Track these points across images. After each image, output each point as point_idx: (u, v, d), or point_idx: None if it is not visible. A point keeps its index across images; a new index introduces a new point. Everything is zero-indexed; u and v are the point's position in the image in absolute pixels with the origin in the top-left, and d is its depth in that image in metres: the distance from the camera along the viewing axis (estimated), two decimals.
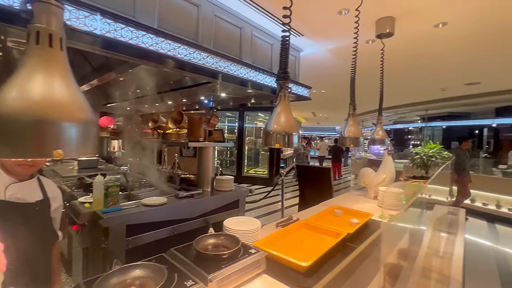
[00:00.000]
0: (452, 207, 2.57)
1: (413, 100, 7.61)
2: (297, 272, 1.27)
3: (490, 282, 2.99)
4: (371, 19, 2.54)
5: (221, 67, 2.18)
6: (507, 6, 2.32)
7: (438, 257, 1.47)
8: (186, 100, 5.11)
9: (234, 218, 1.67)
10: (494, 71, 4.47)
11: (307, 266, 1.23)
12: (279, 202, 4.35)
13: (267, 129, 1.10)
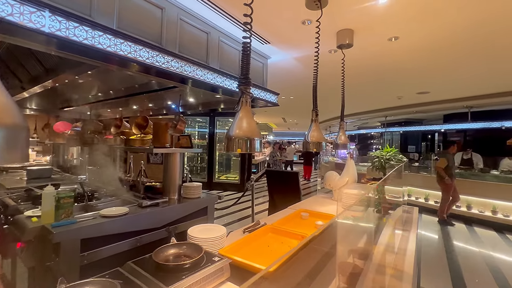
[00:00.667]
0: (407, 206, 2.78)
1: (373, 107, 8.18)
2: (263, 278, 1.27)
3: (442, 274, 3.27)
4: (333, 30, 2.70)
5: (186, 71, 2.14)
6: (451, 24, 2.62)
7: (394, 253, 1.57)
8: (153, 104, 4.92)
9: (198, 226, 1.63)
10: (440, 82, 4.99)
11: (272, 271, 1.23)
12: (250, 208, 4.35)
13: (229, 134, 1.10)
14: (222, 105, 4.19)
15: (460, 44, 3.11)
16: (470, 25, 2.63)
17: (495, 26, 2.66)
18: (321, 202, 2.98)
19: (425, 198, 6.24)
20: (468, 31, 2.78)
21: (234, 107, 1.12)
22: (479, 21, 2.54)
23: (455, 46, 3.17)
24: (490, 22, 2.58)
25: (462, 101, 6.15)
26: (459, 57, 3.62)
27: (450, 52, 3.38)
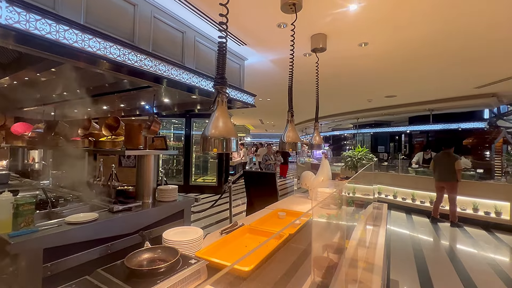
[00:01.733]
0: (378, 203, 2.93)
1: (346, 109, 8.56)
2: (241, 278, 1.27)
3: (408, 265, 3.49)
4: (307, 34, 2.78)
5: (160, 70, 2.08)
6: (416, 34, 2.82)
7: (365, 248, 1.64)
8: (125, 105, 4.72)
9: (174, 229, 1.58)
10: (406, 86, 5.35)
11: (249, 270, 1.24)
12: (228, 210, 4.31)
13: (204, 134, 1.09)
14: (198, 106, 4.12)
15: (423, 52, 3.37)
16: (432, 36, 2.86)
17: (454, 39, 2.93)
18: (298, 201, 3.04)
19: (394, 196, 6.62)
20: (431, 42, 3.02)
21: (210, 107, 1.11)
22: (441, 33, 2.78)
23: (418, 54, 3.42)
24: (450, 35, 2.83)
25: (424, 104, 6.66)
26: (422, 64, 3.92)
27: (414, 59, 3.64)
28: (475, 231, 4.97)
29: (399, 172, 6.71)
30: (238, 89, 3.23)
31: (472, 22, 2.54)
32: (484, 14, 2.40)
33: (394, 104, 7.11)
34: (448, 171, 5.10)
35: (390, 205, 6.62)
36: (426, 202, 6.02)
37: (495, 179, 5.46)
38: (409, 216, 5.96)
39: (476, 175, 5.56)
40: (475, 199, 5.32)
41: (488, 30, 2.72)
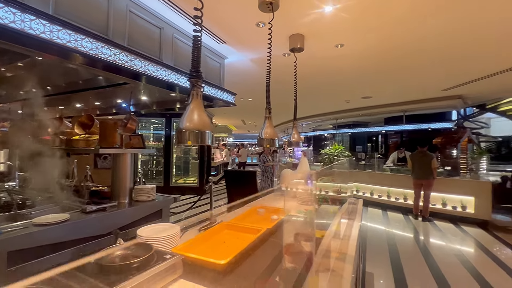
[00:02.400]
0: (354, 199, 3.05)
1: (326, 110, 8.80)
2: (217, 272, 1.27)
3: (383, 258, 3.65)
4: (285, 34, 2.84)
5: (136, 66, 2.04)
6: (388, 39, 2.97)
7: (339, 239, 1.71)
8: (101, 103, 4.55)
9: (149, 226, 1.56)
10: (381, 88, 5.61)
11: (224, 264, 1.24)
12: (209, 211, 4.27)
13: (179, 126, 1.09)
14: (178, 105, 4.06)
15: (393, 55, 3.55)
16: (400, 39, 3.03)
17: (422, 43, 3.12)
18: (278, 199, 3.08)
19: (371, 193, 6.88)
20: (399, 45, 3.19)
21: (185, 100, 1.11)
22: (409, 37, 2.95)
23: (389, 56, 3.60)
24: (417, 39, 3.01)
25: (398, 105, 7.01)
26: (393, 67, 4.13)
27: (385, 61, 3.83)
28: (443, 224, 5.29)
29: (375, 171, 6.99)
30: (218, 87, 3.23)
31: (439, 26, 2.72)
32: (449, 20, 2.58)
33: (370, 105, 7.41)
34: (425, 169, 5.40)
35: (367, 202, 6.87)
36: (400, 198, 6.31)
37: (461, 175, 5.85)
38: (385, 212, 6.23)
39: (444, 172, 5.93)
40: (444, 195, 5.66)
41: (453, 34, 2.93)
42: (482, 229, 4.97)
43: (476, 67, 4.23)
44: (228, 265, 1.26)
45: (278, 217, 2.04)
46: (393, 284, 2.94)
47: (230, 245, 1.63)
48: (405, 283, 2.95)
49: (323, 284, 1.17)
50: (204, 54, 3.14)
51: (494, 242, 4.36)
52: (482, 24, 2.71)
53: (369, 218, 5.78)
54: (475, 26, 2.74)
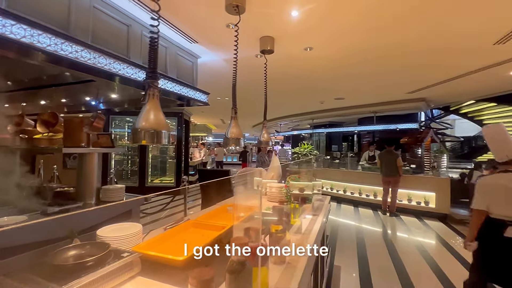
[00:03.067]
0: (322, 196, 3.18)
1: (302, 110, 9.03)
2: (176, 268, 1.30)
3: (351, 252, 3.84)
4: (256, 36, 2.91)
5: (100, 63, 2.00)
6: (355, 43, 3.13)
7: (300, 234, 1.80)
8: (68, 100, 4.36)
9: (112, 226, 1.55)
10: (351, 90, 5.87)
11: (183, 260, 1.27)
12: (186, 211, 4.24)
13: (135, 126, 1.10)
14: None
15: (357, 59, 3.73)
16: (361, 45, 3.19)
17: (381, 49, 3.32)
18: (250, 197, 3.14)
19: (344, 190, 7.17)
20: (361, 49, 3.36)
21: (141, 100, 1.13)
22: (368, 43, 3.13)
23: (353, 60, 3.77)
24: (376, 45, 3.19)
25: (369, 106, 7.37)
26: (360, 70, 4.34)
27: (354, 66, 4.03)
28: (408, 219, 5.65)
29: (348, 169, 7.29)
30: (190, 86, 3.22)
31: (397, 37, 2.92)
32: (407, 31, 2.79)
33: (343, 106, 7.72)
34: (392, 167, 5.72)
35: (341, 200, 7.16)
36: (370, 195, 6.64)
37: (425, 173, 6.28)
38: (357, 209, 6.52)
39: (410, 170, 6.32)
40: (409, 191, 6.04)
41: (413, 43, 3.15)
42: (442, 222, 5.38)
43: (434, 73, 4.58)
44: (187, 261, 1.29)
45: (244, 215, 2.09)
46: (357, 276, 3.11)
47: (195, 243, 1.66)
48: (369, 274, 3.14)
49: (276, 275, 1.24)
50: (176, 53, 3.12)
51: (451, 234, 4.73)
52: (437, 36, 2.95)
53: (342, 215, 6.03)
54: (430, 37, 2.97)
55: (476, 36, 3.00)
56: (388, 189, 5.91)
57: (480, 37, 3.02)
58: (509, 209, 1.98)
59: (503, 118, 9.72)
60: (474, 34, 2.94)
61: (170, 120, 8.81)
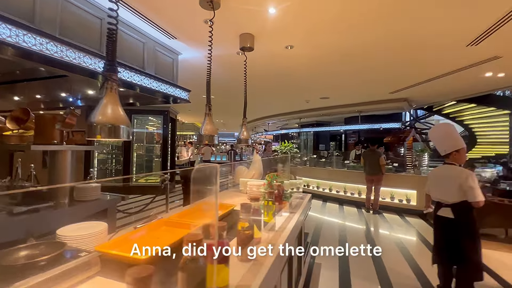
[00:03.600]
0: (302, 194, 3.20)
1: (289, 109, 9.07)
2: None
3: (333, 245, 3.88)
4: (236, 33, 2.88)
5: (69, 57, 1.93)
6: (335, 42, 3.15)
7: (274, 231, 1.79)
8: (44, 96, 4.20)
9: (74, 225, 1.50)
10: (336, 89, 5.92)
11: (146, 258, 1.24)
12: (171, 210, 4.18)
13: (89, 120, 1.06)
14: (131, 100, 3.90)
15: (336, 58, 3.76)
16: (339, 43, 3.21)
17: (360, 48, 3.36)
18: (231, 195, 3.12)
19: (329, 189, 7.25)
20: (339, 48, 3.38)
21: (99, 93, 1.09)
22: (346, 42, 3.16)
23: (333, 58, 3.79)
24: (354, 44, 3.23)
25: (354, 106, 7.48)
26: (343, 69, 4.38)
27: (335, 64, 4.06)
28: (391, 216, 5.76)
29: (333, 168, 7.38)
30: (170, 83, 3.16)
31: (371, 36, 2.96)
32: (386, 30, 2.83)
33: (329, 106, 7.80)
34: (375, 166, 5.82)
35: (326, 198, 7.24)
36: (355, 193, 6.75)
37: (407, 171, 6.43)
38: (341, 207, 6.60)
39: (393, 168, 6.46)
40: (392, 189, 6.17)
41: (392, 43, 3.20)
42: (422, 219, 5.51)
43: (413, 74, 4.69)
44: (150, 261, 1.26)
45: (221, 212, 2.07)
46: (337, 272, 3.15)
47: (164, 241, 1.62)
48: (348, 271, 3.18)
49: (242, 272, 1.23)
50: (155, 48, 3.06)
51: (430, 231, 4.85)
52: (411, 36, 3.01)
53: (327, 213, 6.10)
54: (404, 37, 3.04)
55: (450, 37, 3.08)
56: (371, 188, 6.01)
57: (453, 38, 3.10)
58: (437, 193, 2.47)
59: (483, 119, 10.07)
60: (448, 35, 3.02)
61: (155, 118, 8.67)
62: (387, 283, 2.92)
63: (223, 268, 1.03)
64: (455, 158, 2.39)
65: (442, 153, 2.49)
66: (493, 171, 6.96)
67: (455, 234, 2.35)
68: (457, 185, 2.27)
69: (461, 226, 2.31)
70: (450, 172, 2.37)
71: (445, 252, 2.49)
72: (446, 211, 2.36)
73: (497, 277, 3.04)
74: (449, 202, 2.35)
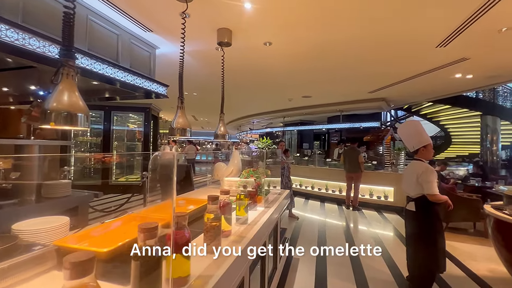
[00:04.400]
0: (281, 190, 3.22)
1: (272, 108, 9.11)
2: (100, 261, 1.23)
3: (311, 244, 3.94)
4: (213, 27, 2.86)
5: (32, 46, 1.84)
6: (315, 39, 3.18)
7: (245, 225, 1.80)
8: (11, 89, 3.97)
9: (33, 220, 1.43)
10: (316, 87, 6.00)
11: (107, 251, 1.21)
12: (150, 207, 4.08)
13: (44, 107, 1.02)
14: (106, 94, 3.77)
15: (315, 55, 3.80)
16: (315, 40, 3.26)
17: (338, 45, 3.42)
18: (208, 191, 3.09)
19: (312, 187, 7.36)
20: (317, 45, 3.43)
21: (52, 79, 1.04)
22: (322, 39, 3.20)
23: (311, 55, 3.83)
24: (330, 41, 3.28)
25: (335, 105, 7.63)
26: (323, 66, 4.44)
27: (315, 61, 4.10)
28: (369, 212, 5.93)
29: (316, 166, 7.50)
30: (146, 77, 3.09)
31: (340, 31, 3.02)
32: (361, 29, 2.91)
33: (311, 105, 7.92)
34: (354, 164, 5.96)
35: (309, 196, 7.34)
36: (336, 191, 6.89)
37: (385, 169, 6.64)
38: (323, 204, 6.72)
39: (372, 166, 6.65)
40: (371, 186, 6.35)
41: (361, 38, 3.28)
42: (399, 215, 5.71)
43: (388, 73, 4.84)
44: (112, 254, 1.23)
45: (194, 207, 2.05)
46: (314, 267, 3.20)
47: (130, 236, 1.58)
48: (325, 266, 3.24)
49: (206, 263, 1.22)
50: (130, 41, 2.98)
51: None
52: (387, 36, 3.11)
53: (309, 210, 6.18)
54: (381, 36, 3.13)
55: (420, 39, 3.20)
56: (351, 185, 6.16)
57: (423, 40, 3.23)
58: (404, 187, 2.58)
59: (457, 120, 10.56)
60: (418, 36, 3.14)
61: (136, 116, 8.46)
62: (361, 275, 3.00)
63: (182, 258, 1.02)
64: (422, 154, 2.49)
65: (410, 149, 2.59)
66: (465, 169, 7.34)
67: (415, 227, 2.47)
68: (415, 179, 2.37)
69: (420, 219, 2.41)
70: (413, 167, 2.47)
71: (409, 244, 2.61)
72: (411, 205, 2.46)
73: (464, 268, 3.20)
74: (412, 196, 2.45)
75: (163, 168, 1.06)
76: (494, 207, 2.49)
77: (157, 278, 0.87)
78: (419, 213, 2.40)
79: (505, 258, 2.47)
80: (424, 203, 2.37)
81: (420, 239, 2.44)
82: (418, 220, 2.44)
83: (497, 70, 4.53)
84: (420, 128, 2.57)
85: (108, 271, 1.18)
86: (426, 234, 2.38)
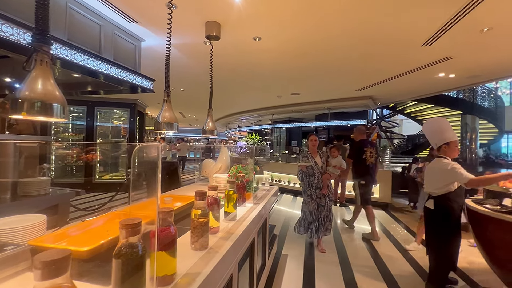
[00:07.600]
0: (270, 186, 3.21)
1: (261, 105, 9.09)
2: (79, 260, 1.16)
3: (300, 241, 3.97)
4: (201, 20, 2.78)
5: (5, 32, 1.72)
6: (304, 37, 3.17)
7: (234, 221, 1.76)
8: None
9: (11, 217, 1.35)
10: (304, 84, 6.01)
11: (87, 250, 1.14)
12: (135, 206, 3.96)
13: (14, 95, 0.94)
14: (89, 87, 3.61)
15: (303, 51, 3.80)
16: (303, 37, 3.25)
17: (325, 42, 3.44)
18: (196, 188, 3.03)
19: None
20: (305, 42, 3.43)
21: (24, 66, 0.97)
22: (310, 36, 3.20)
23: (299, 52, 3.82)
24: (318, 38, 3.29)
25: (323, 103, 7.71)
26: (314, 65, 4.47)
27: (306, 59, 4.12)
28: None
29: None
30: (131, 70, 2.98)
31: (326, 29, 3.04)
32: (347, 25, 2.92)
33: (300, 102, 7.96)
34: None
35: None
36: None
37: None
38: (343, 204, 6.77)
39: None
40: None
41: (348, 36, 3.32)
42: (384, 211, 5.85)
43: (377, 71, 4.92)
44: (92, 253, 1.16)
45: (181, 204, 2.00)
46: (302, 262, 3.22)
47: (113, 234, 1.52)
48: (313, 260, 3.26)
49: (193, 260, 1.18)
50: (113, 32, 2.85)
51: (390, 221, 5.18)
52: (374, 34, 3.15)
53: (297, 207, 6.21)
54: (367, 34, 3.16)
55: (406, 37, 3.26)
56: (338, 181, 6.24)
57: (409, 38, 3.29)
58: (426, 185, 2.51)
59: None
60: (404, 35, 3.19)
61: (122, 112, 8.19)
62: (349, 270, 3.04)
63: (167, 256, 0.98)
64: (445, 151, 2.42)
65: (434, 146, 2.53)
66: None
67: (432, 225, 2.44)
68: (441, 176, 2.32)
69: (438, 217, 2.38)
70: (437, 165, 2.40)
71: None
72: (429, 203, 2.43)
73: None
74: (434, 193, 2.40)
75: (148, 162, 1.01)
76: (475, 201, 2.57)
77: (140, 277, 0.83)
78: (437, 212, 2.37)
79: (485, 251, 2.55)
80: (442, 202, 2.34)
81: (437, 238, 2.42)
82: (435, 219, 2.41)
83: (477, 69, 4.70)
84: (444, 125, 2.49)
85: (88, 271, 1.12)
86: (443, 233, 2.36)
